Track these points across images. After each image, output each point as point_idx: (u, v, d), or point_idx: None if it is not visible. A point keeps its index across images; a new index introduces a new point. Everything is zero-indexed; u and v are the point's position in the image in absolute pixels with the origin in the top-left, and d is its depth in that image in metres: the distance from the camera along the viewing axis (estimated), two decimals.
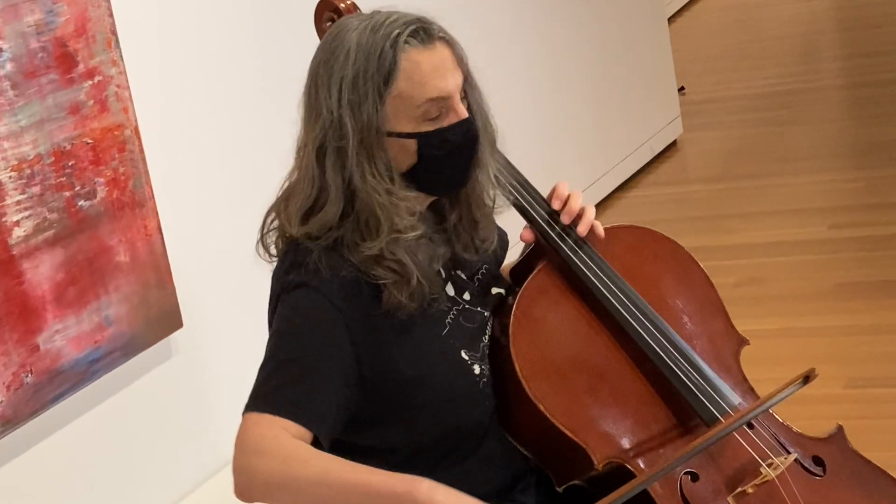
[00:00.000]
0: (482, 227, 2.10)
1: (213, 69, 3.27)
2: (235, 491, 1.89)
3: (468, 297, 2.08)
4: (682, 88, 6.63)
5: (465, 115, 1.99)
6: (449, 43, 1.99)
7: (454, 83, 1.97)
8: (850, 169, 5.61)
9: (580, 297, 2.11)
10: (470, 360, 2.03)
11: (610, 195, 5.69)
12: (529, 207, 2.16)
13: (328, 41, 1.99)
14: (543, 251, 2.15)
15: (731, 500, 2.02)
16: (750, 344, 2.27)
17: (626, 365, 2.08)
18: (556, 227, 2.13)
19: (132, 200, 2.86)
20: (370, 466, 1.86)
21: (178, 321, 3.00)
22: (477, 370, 2.04)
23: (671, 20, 7.97)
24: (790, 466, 2.07)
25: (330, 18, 2.19)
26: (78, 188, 2.73)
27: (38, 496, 2.74)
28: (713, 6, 9.01)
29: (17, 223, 2.60)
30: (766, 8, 8.68)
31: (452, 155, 1.99)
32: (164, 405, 3.04)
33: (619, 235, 2.23)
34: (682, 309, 2.20)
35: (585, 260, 2.11)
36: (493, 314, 2.11)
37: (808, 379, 2.01)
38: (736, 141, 6.22)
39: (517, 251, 2.26)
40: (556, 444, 2.01)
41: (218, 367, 3.21)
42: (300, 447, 1.86)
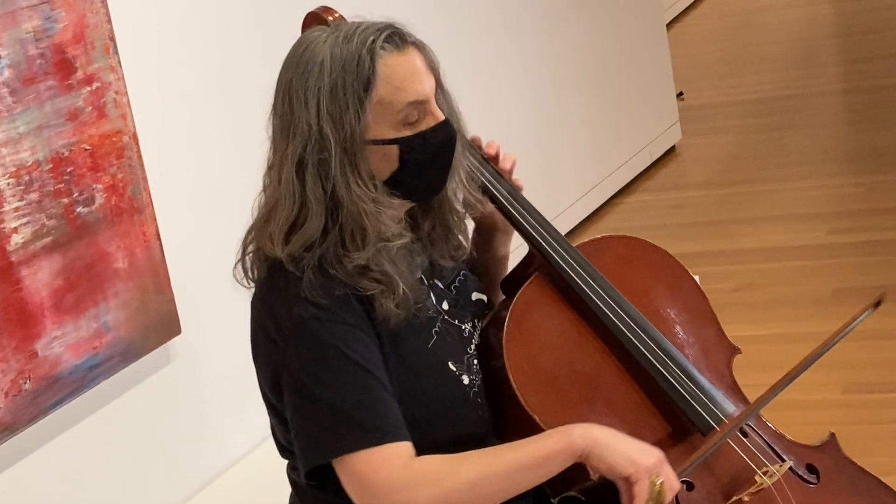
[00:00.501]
0: (456, 232, 2.11)
1: (211, 75, 3.27)
2: None
3: (446, 306, 2.08)
4: (680, 94, 6.64)
5: (442, 117, 2.00)
6: (420, 48, 2.00)
7: (430, 86, 1.99)
8: (848, 174, 5.61)
9: (573, 307, 2.11)
10: (458, 370, 2.03)
11: (609, 200, 5.69)
12: (520, 216, 2.16)
13: (296, 56, 1.98)
14: (535, 261, 2.15)
15: None
16: (742, 352, 2.27)
17: (619, 374, 2.08)
18: (548, 237, 2.14)
19: (130, 207, 2.86)
20: (512, 442, 1.90)
21: (176, 327, 3.00)
22: (466, 380, 2.03)
23: (670, 25, 7.98)
24: (785, 474, 2.07)
25: None
26: (76, 195, 2.73)
27: (37, 503, 2.74)
28: (712, 12, 9.02)
29: (15, 230, 2.60)
30: (764, 13, 8.69)
31: (433, 158, 1.99)
32: (162, 411, 3.04)
33: (609, 245, 2.23)
34: (673, 318, 2.20)
35: (578, 270, 2.11)
36: (486, 324, 2.11)
37: (879, 303, 2.05)
38: (735, 146, 6.23)
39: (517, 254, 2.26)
40: None
41: (216, 373, 3.21)
42: (435, 462, 1.89)
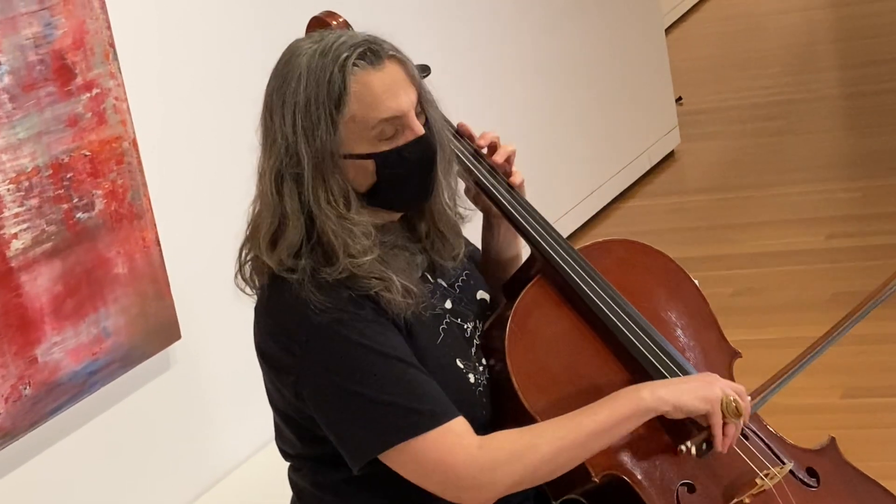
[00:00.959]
0: (450, 236, 2.10)
1: (210, 81, 3.28)
2: None
3: (450, 305, 2.08)
4: (679, 99, 6.64)
5: (420, 132, 1.98)
6: (399, 61, 1.98)
7: (408, 101, 1.96)
8: (847, 179, 5.62)
9: (575, 309, 2.11)
10: (465, 368, 2.04)
11: (608, 205, 5.69)
12: (522, 219, 2.16)
13: (280, 66, 1.99)
14: (537, 264, 2.15)
15: None
16: (742, 357, 2.28)
17: (621, 376, 2.08)
18: (549, 238, 2.14)
19: (130, 212, 2.86)
20: (583, 408, 1.95)
21: (176, 333, 3.00)
22: (472, 379, 2.04)
23: (668, 30, 7.98)
24: (785, 477, 2.08)
25: None
26: (76, 200, 2.73)
27: None
28: (710, 17, 9.02)
29: (15, 235, 2.60)
30: (763, 18, 8.69)
31: (411, 172, 1.98)
32: (162, 417, 3.04)
33: (610, 249, 2.24)
34: (674, 321, 2.21)
35: (579, 272, 2.11)
36: (489, 326, 2.12)
37: None
38: (733, 151, 6.23)
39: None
40: None
41: (216, 378, 3.21)
42: (511, 437, 1.92)
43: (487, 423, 2.06)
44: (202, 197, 3.21)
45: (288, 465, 2.12)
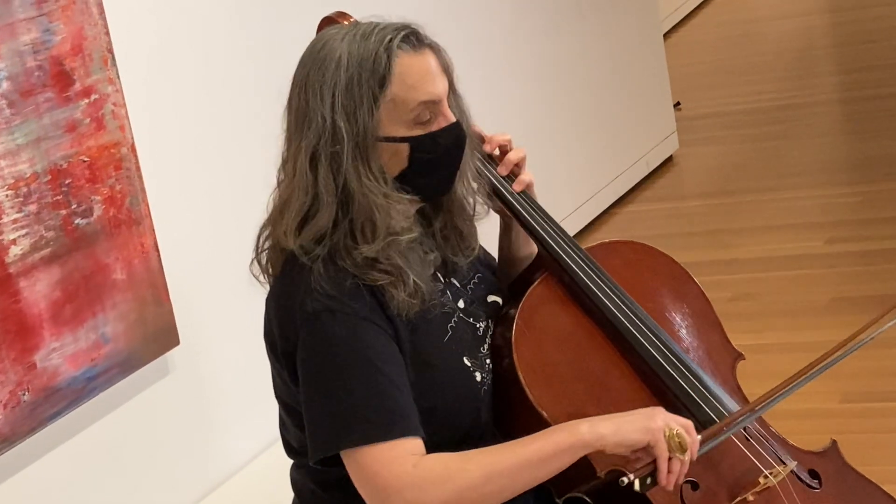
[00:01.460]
0: (466, 232, 2.13)
1: (209, 86, 3.28)
2: None
3: (462, 304, 2.10)
4: (678, 104, 6.65)
5: (453, 119, 2.02)
6: (435, 50, 2.03)
7: (443, 88, 2.01)
8: (846, 184, 5.62)
9: (581, 307, 2.13)
10: (472, 366, 2.05)
11: (606, 210, 5.69)
12: (530, 218, 2.18)
13: (314, 51, 2.01)
14: (545, 263, 2.17)
15: None
16: (745, 359, 2.29)
17: (626, 373, 2.10)
18: (558, 238, 2.16)
19: (129, 218, 2.86)
20: (519, 439, 1.92)
21: (174, 339, 3.00)
22: (478, 377, 2.05)
23: (667, 36, 7.98)
24: (789, 477, 2.09)
25: None
26: (74, 206, 2.73)
27: None
28: (709, 22, 9.03)
29: (13, 241, 2.60)
30: (761, 24, 8.70)
31: (442, 158, 2.02)
32: (161, 423, 3.04)
33: (617, 250, 2.26)
34: (679, 322, 2.23)
35: (585, 269, 2.14)
36: (495, 323, 2.13)
37: None
38: (732, 156, 6.23)
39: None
40: None
41: (215, 384, 3.21)
42: (444, 459, 1.91)
43: (490, 423, 2.07)
44: (200, 203, 3.21)
45: (290, 465, 2.13)
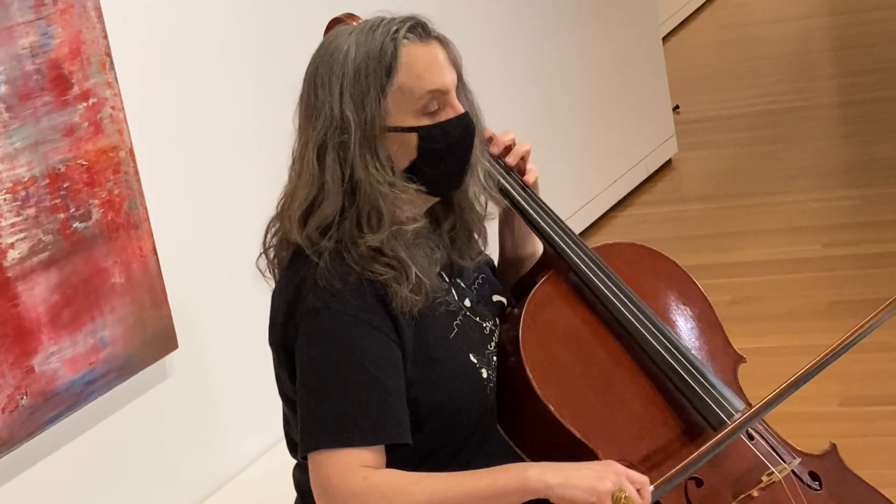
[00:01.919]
0: (475, 233, 2.14)
1: (207, 90, 3.28)
2: None
3: (468, 303, 2.11)
4: (676, 107, 6.65)
5: (462, 110, 2.03)
6: (444, 42, 2.04)
7: (451, 79, 2.02)
8: (844, 187, 5.62)
9: (587, 305, 2.15)
10: (478, 363, 2.05)
11: (605, 214, 5.69)
12: (536, 215, 2.19)
13: (324, 47, 2.03)
14: (551, 261, 2.18)
15: None
16: (746, 362, 2.29)
17: (632, 370, 2.12)
18: (564, 235, 2.17)
19: (127, 222, 2.86)
20: (469, 471, 1.92)
21: (173, 342, 3.00)
22: (484, 374, 2.06)
23: (665, 39, 7.99)
24: (791, 477, 2.10)
25: None
26: (73, 210, 2.73)
27: None
28: (707, 25, 9.04)
29: (11, 245, 2.60)
30: (760, 27, 8.70)
31: (451, 149, 2.02)
32: (159, 427, 3.04)
33: (619, 252, 2.28)
34: (681, 325, 2.25)
35: (593, 268, 2.15)
36: (501, 321, 2.13)
37: None
38: (731, 159, 6.23)
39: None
40: (563, 448, 2.02)
41: (213, 387, 3.20)
42: (394, 478, 1.90)
43: (495, 421, 2.07)
44: (199, 206, 3.20)
45: (290, 468, 2.13)
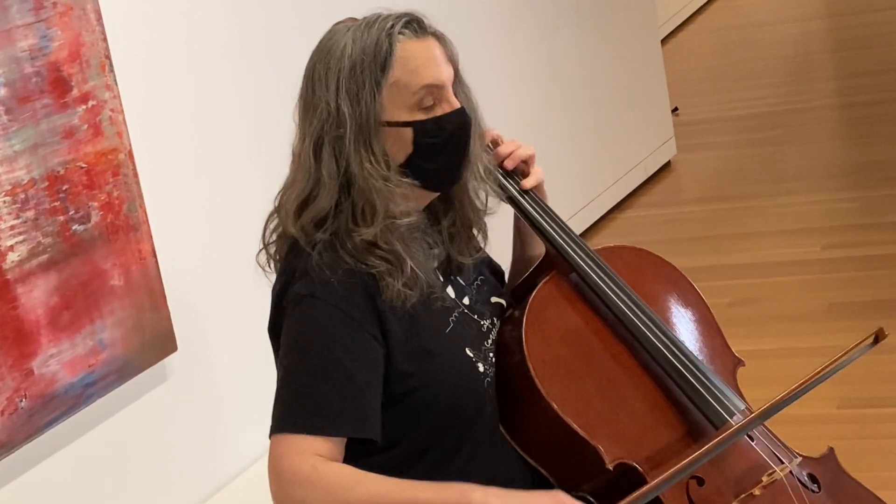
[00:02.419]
0: (475, 230, 2.14)
1: (206, 92, 3.28)
2: None
3: (467, 301, 2.11)
4: (675, 109, 6.65)
5: (457, 105, 2.04)
6: (440, 39, 2.05)
7: (447, 74, 2.03)
8: (843, 189, 5.62)
9: (589, 304, 2.15)
10: (474, 357, 2.06)
11: (604, 216, 5.70)
12: (538, 215, 2.20)
13: (322, 44, 2.04)
14: (553, 261, 2.19)
15: (737, 503, 2.06)
16: (745, 365, 2.30)
17: (634, 369, 2.13)
18: (565, 236, 2.18)
19: (126, 224, 2.86)
20: (414, 481, 1.90)
21: (172, 345, 3.00)
22: (481, 368, 2.06)
23: (664, 41, 7.99)
24: (789, 478, 2.11)
25: None
26: (72, 212, 2.73)
27: None
28: (706, 27, 9.04)
29: (11, 248, 2.60)
30: (758, 29, 8.71)
31: (447, 143, 2.03)
32: (158, 429, 3.04)
33: (619, 254, 2.29)
34: (681, 327, 2.26)
35: (595, 269, 2.16)
36: (502, 321, 2.14)
37: (878, 338, 2.06)
38: (730, 161, 6.24)
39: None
40: (566, 446, 2.03)
41: (212, 390, 3.20)
42: (341, 473, 1.89)
43: (494, 419, 2.08)
44: (198, 208, 3.21)
45: None
